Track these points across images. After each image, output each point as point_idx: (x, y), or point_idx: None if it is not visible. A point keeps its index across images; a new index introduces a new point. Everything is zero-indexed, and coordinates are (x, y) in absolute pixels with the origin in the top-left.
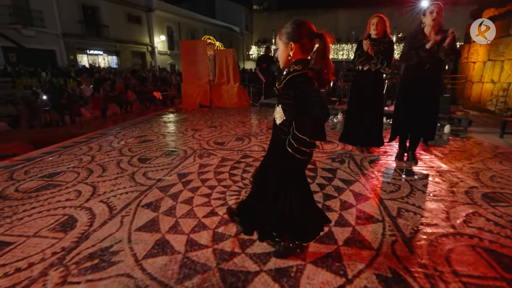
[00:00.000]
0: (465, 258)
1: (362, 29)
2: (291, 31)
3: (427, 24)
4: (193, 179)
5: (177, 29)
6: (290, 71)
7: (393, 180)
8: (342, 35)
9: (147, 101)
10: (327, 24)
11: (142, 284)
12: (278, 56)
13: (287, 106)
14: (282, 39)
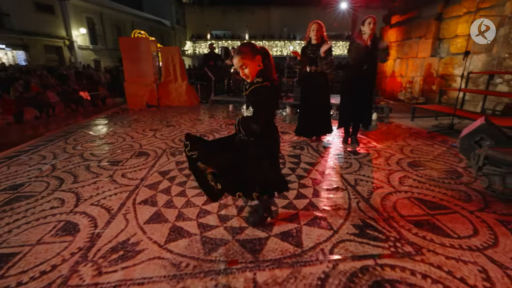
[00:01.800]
0: (405, 206)
1: (293, 26)
2: (250, 49)
3: (366, 32)
4: (177, 175)
5: (99, 21)
6: (254, 82)
7: (345, 159)
8: (275, 32)
9: (72, 102)
10: (261, 21)
11: (176, 261)
12: (246, 72)
13: (250, 105)
14: (247, 58)
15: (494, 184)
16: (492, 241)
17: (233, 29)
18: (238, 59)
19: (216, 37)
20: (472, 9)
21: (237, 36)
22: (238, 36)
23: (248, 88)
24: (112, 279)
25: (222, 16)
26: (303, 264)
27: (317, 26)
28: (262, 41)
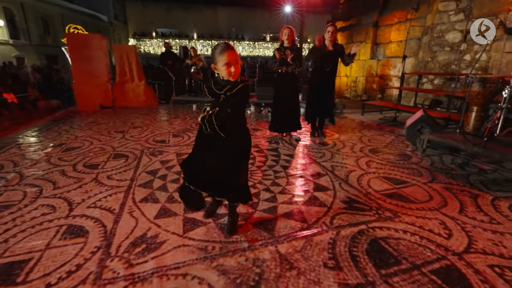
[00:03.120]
0: (376, 183)
1: (241, 26)
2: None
3: (327, 38)
4: (166, 173)
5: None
6: (238, 82)
7: (318, 150)
8: (223, 31)
9: None
10: (208, 20)
11: (202, 246)
12: (233, 70)
13: (231, 105)
14: (237, 55)
15: (435, 162)
16: (443, 203)
17: (180, 28)
18: (234, 55)
19: (162, 35)
20: (402, 19)
21: (185, 35)
22: (185, 35)
23: (233, 88)
24: (147, 268)
25: (167, 13)
26: (313, 235)
27: (289, 31)
28: (210, 41)
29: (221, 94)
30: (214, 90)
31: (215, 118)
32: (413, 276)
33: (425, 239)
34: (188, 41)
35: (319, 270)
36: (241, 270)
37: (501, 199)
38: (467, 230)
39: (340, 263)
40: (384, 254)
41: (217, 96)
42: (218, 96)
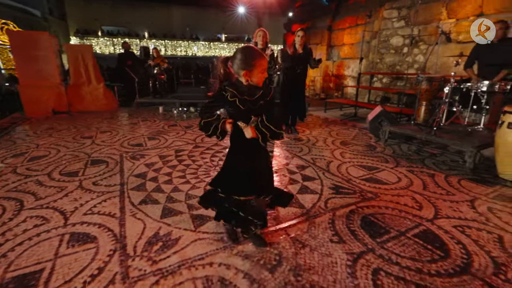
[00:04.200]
0: (353, 170)
1: (196, 26)
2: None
3: (297, 42)
4: (156, 175)
5: None
6: (268, 86)
7: (295, 146)
8: (177, 31)
9: None
10: (162, 19)
11: (218, 238)
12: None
13: (275, 109)
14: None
15: (396, 150)
16: (410, 182)
17: (130, 26)
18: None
19: (108, 34)
20: (352, 24)
21: (135, 34)
22: (136, 34)
23: (268, 93)
24: (172, 262)
25: (113, 10)
26: (314, 217)
27: (262, 33)
28: (164, 41)
29: (254, 101)
30: (245, 98)
31: (272, 124)
32: (401, 241)
33: (403, 212)
34: (139, 40)
35: (327, 245)
36: (261, 253)
37: (451, 176)
38: (432, 202)
39: (342, 237)
40: (375, 227)
41: (247, 104)
42: (248, 103)
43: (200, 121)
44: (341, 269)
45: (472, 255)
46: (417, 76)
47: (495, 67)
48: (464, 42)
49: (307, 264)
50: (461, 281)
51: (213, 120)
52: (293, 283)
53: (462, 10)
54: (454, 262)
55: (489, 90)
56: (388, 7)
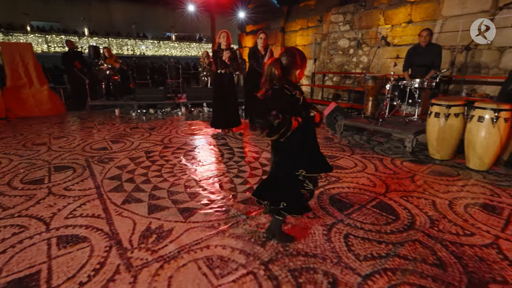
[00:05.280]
0: None
1: (142, 24)
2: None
3: (259, 44)
4: (131, 176)
5: None
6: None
7: (262, 141)
8: (122, 29)
9: None
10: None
11: (209, 225)
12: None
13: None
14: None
15: (351, 140)
16: (364, 166)
17: (64, 22)
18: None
19: (39, 30)
20: (304, 27)
21: (72, 31)
22: (74, 31)
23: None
24: (171, 249)
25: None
26: None
27: (226, 35)
28: (107, 39)
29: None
30: (296, 96)
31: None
32: (363, 212)
33: (362, 190)
34: (78, 37)
35: (305, 220)
36: (251, 233)
37: (396, 159)
38: (383, 180)
39: (316, 213)
40: (341, 203)
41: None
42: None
43: (270, 123)
44: (319, 237)
45: (415, 216)
46: (364, 75)
47: (424, 67)
48: (398, 45)
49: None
50: (409, 235)
51: (286, 120)
52: (283, 252)
53: (396, 17)
54: (403, 222)
55: (420, 86)
56: (335, 12)
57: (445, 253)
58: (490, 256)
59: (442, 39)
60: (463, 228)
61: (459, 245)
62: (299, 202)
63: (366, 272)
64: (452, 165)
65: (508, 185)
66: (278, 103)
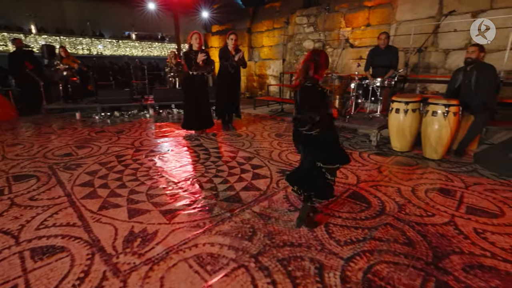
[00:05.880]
0: (292, 156)
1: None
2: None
3: (229, 45)
4: (104, 182)
5: None
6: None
7: (236, 141)
8: (75, 26)
9: None
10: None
11: (195, 224)
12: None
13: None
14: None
15: None
16: None
17: (8, 18)
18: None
19: None
20: (270, 28)
21: (17, 28)
22: (18, 28)
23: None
24: (158, 251)
25: None
26: (271, 196)
27: (198, 36)
28: (58, 37)
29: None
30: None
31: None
32: (339, 202)
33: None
34: (23, 35)
35: (287, 213)
36: (237, 229)
37: (363, 152)
38: (354, 172)
39: (297, 206)
40: None
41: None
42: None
43: (315, 120)
44: (302, 228)
45: (384, 203)
46: (331, 75)
47: (384, 68)
48: (359, 47)
49: (276, 230)
50: (381, 219)
51: (325, 116)
52: (270, 244)
53: (355, 21)
54: (375, 209)
55: (381, 85)
56: (299, 14)
57: (412, 233)
58: (449, 232)
59: (397, 41)
60: (425, 210)
61: (423, 225)
62: (324, 189)
63: (347, 255)
64: (412, 156)
65: (458, 171)
66: (315, 100)
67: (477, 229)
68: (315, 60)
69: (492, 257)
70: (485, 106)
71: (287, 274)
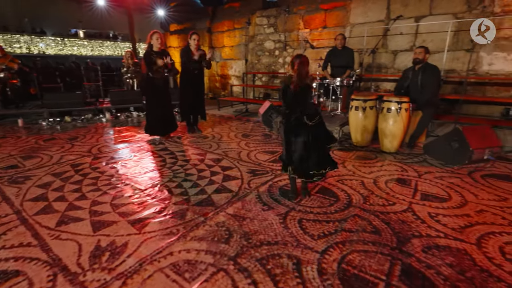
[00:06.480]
0: (260, 156)
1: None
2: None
3: (192, 45)
4: (61, 194)
5: None
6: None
7: (203, 143)
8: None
9: None
10: None
11: (168, 231)
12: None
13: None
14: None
15: None
16: None
17: None
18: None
19: None
20: (230, 28)
21: None
22: None
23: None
24: (131, 264)
25: None
26: (243, 197)
27: (160, 36)
28: None
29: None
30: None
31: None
32: (310, 197)
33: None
34: None
35: (261, 213)
36: (212, 233)
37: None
38: None
39: (270, 205)
40: (289, 193)
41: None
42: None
43: (320, 112)
44: (277, 226)
45: (351, 195)
46: None
47: (341, 68)
48: (317, 47)
49: (252, 230)
50: (349, 211)
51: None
52: (247, 245)
53: (313, 23)
54: (343, 202)
55: (340, 84)
56: (259, 15)
57: (378, 222)
58: (408, 219)
59: (351, 43)
60: (387, 199)
61: (386, 214)
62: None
63: (322, 248)
64: (371, 150)
65: (411, 162)
66: (312, 97)
67: (431, 213)
68: (307, 64)
69: (445, 237)
70: (431, 102)
71: (267, 273)
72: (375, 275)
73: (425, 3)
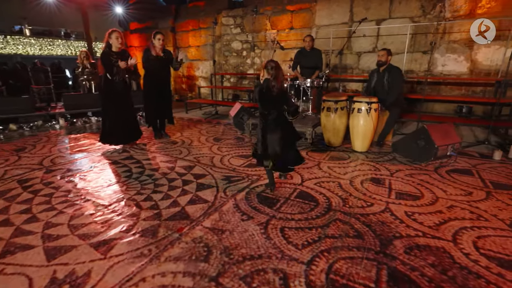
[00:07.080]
0: (234, 161)
1: None
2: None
3: (156, 45)
4: (6, 217)
5: None
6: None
7: (172, 149)
8: None
9: None
10: None
11: (141, 252)
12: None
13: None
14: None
15: None
16: None
17: None
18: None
19: None
20: (196, 27)
21: None
22: None
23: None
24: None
25: None
26: (221, 206)
27: (119, 35)
28: None
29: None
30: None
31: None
32: (289, 203)
33: (282, 184)
34: None
35: (241, 224)
36: (189, 251)
37: (301, 151)
38: (297, 171)
39: (249, 214)
40: (268, 199)
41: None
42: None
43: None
44: (258, 237)
45: (330, 199)
46: None
47: (310, 69)
48: (286, 48)
49: (232, 244)
50: (330, 216)
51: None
52: (229, 262)
53: (280, 24)
54: (323, 206)
55: (311, 85)
56: (225, 15)
57: (359, 225)
58: (387, 219)
59: (318, 44)
60: (365, 201)
61: (366, 216)
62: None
63: (308, 259)
64: (343, 150)
65: (382, 161)
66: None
67: (407, 212)
68: (281, 67)
69: (424, 236)
70: (397, 102)
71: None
72: (364, 283)
73: (385, 6)
